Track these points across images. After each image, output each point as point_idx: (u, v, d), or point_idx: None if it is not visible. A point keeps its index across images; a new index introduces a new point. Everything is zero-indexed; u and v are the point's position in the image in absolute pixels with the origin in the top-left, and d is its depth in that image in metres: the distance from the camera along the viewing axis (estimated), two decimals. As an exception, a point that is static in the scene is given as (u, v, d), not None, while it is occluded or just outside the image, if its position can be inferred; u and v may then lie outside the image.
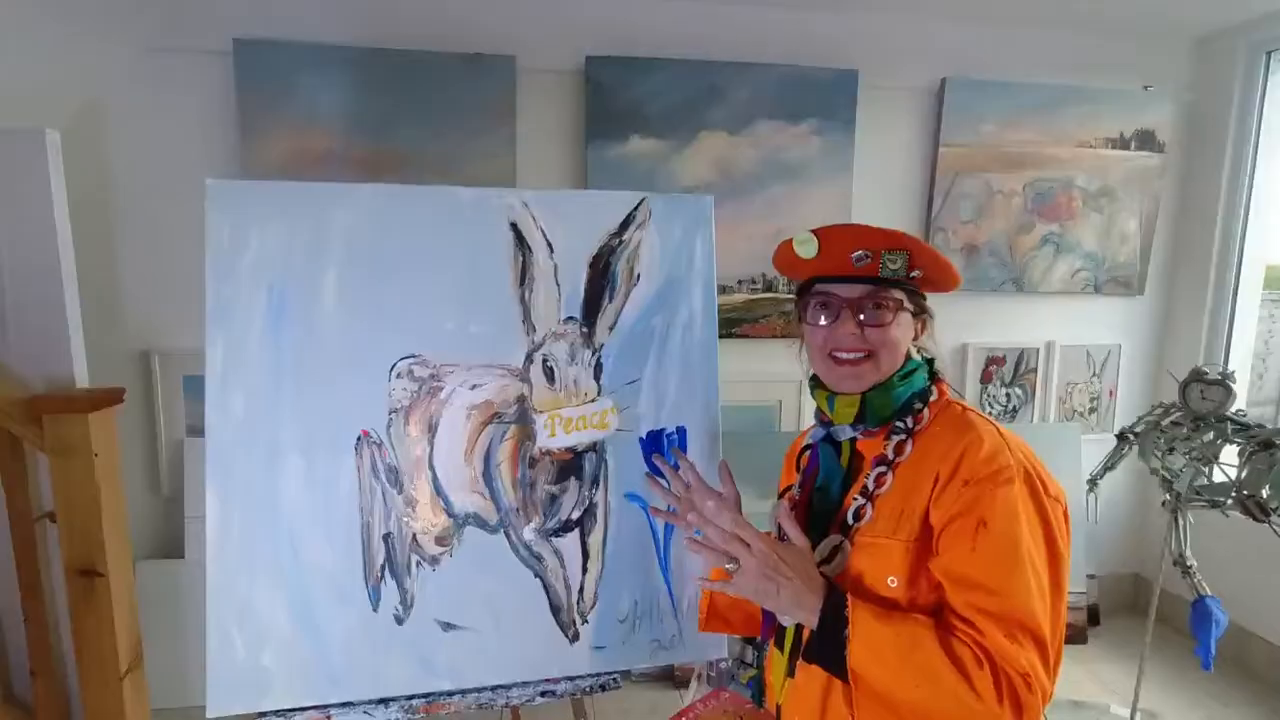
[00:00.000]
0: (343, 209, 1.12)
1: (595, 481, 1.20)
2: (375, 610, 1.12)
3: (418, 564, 1.13)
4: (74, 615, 1.62)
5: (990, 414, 2.84)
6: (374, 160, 2.34)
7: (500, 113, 2.38)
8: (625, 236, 1.21)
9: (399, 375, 1.13)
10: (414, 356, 1.14)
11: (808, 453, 1.03)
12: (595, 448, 1.19)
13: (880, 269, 0.90)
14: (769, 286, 2.62)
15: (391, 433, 1.13)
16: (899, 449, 0.92)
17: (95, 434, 1.59)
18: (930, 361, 0.99)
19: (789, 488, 1.06)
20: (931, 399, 0.94)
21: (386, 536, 1.13)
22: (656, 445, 1.21)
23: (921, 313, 0.97)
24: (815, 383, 1.00)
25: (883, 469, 0.91)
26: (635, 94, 2.44)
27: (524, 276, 1.17)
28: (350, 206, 1.12)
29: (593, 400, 1.19)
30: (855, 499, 0.92)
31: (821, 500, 0.97)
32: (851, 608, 0.84)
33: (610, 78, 2.42)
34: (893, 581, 0.86)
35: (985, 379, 2.84)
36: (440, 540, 1.15)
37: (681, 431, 1.22)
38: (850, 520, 0.91)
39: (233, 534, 1.07)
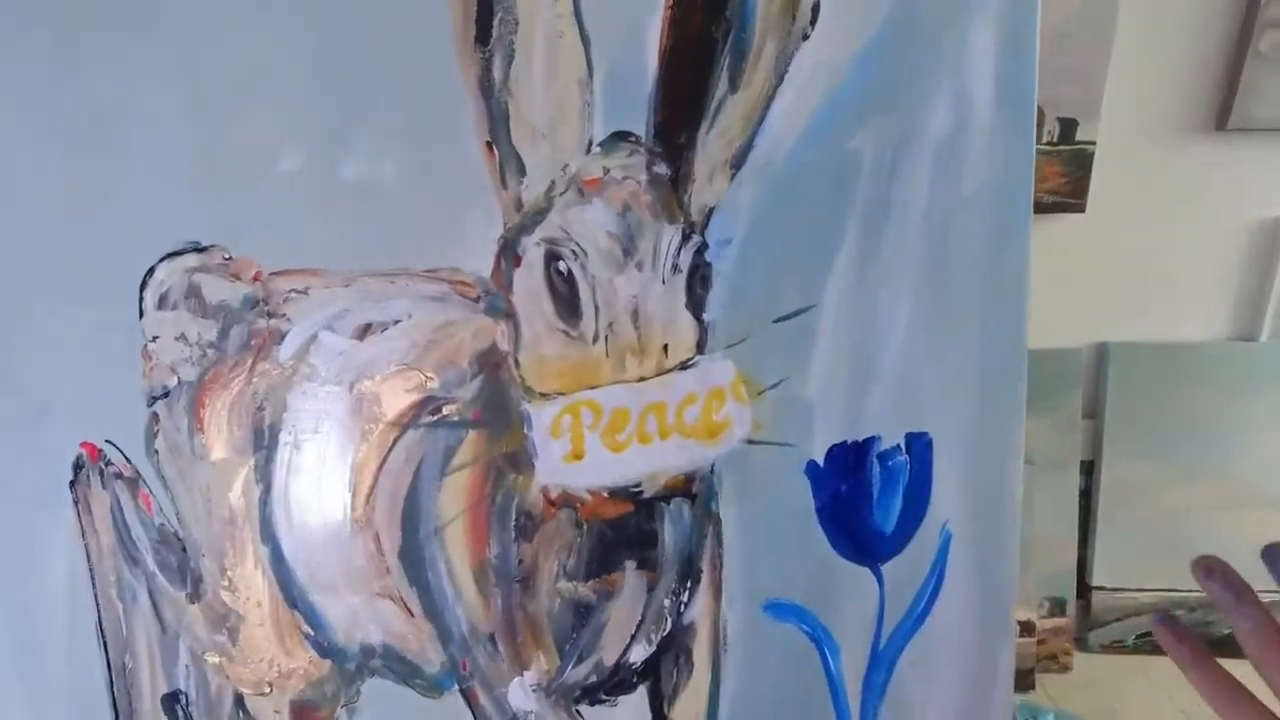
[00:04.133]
0: None
1: (687, 569, 0.47)
2: None
3: (252, 765, 0.47)
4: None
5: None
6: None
7: None
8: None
9: (166, 301, 0.43)
10: (201, 248, 0.43)
11: None
12: (690, 486, 0.46)
13: None
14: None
15: (160, 449, 0.44)
16: None
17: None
18: None
19: None
20: None
21: (172, 698, 0.46)
22: (851, 480, 0.46)
23: None
24: None
25: None
26: None
27: (485, 21, 0.41)
28: None
29: (687, 364, 0.44)
30: None
31: None
32: None
33: None
34: None
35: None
36: (305, 711, 0.47)
37: (923, 445, 0.46)
38: None
39: None
